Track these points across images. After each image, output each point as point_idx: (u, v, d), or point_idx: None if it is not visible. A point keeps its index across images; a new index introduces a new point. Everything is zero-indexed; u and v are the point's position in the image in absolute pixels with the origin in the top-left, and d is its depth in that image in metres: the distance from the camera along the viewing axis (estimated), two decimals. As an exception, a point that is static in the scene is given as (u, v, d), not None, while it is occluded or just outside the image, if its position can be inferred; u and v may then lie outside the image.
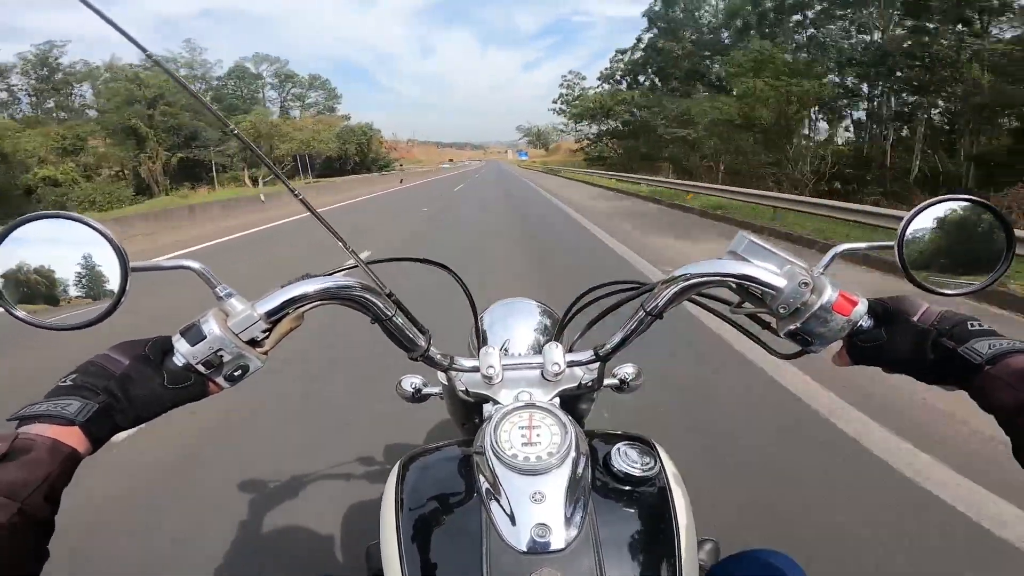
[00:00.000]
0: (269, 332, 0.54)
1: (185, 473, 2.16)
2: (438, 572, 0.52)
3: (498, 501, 0.52)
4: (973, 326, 0.51)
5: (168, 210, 13.58)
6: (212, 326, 0.51)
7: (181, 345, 0.51)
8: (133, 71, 36.40)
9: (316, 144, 43.32)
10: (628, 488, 0.57)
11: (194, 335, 0.50)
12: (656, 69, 37.33)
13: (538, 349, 0.89)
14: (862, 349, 0.56)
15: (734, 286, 0.62)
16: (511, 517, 0.51)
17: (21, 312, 0.49)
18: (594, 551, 0.50)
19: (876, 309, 0.56)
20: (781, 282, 0.57)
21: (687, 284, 0.59)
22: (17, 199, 25.91)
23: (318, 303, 0.56)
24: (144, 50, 0.52)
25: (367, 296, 0.57)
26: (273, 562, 1.65)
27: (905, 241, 0.58)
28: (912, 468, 2.00)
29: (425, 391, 0.87)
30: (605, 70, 44.04)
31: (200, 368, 0.51)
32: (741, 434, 2.30)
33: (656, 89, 36.85)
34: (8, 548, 0.38)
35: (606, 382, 0.80)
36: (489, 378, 0.66)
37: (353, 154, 52.54)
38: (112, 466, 2.09)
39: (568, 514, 0.51)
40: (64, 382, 0.47)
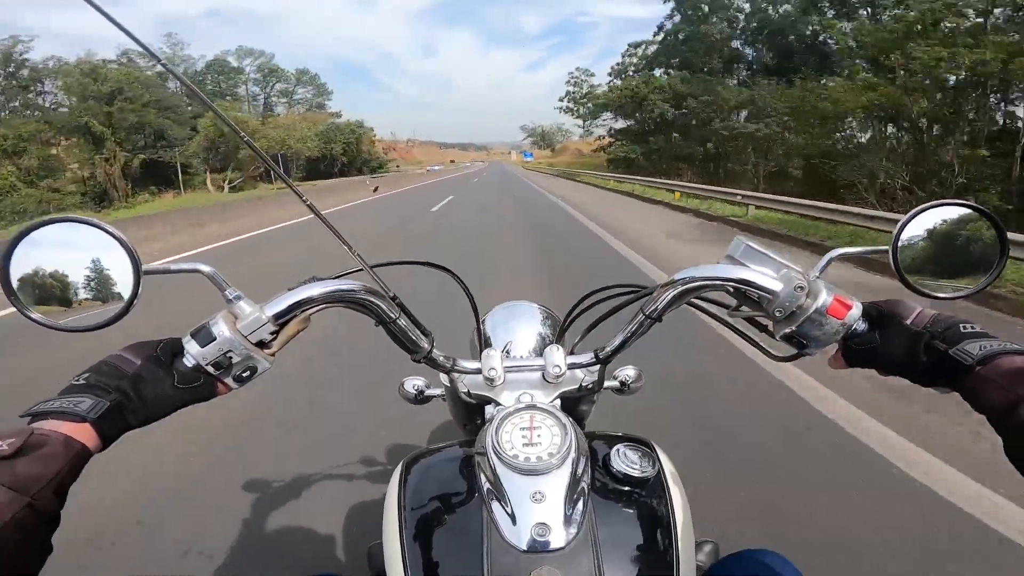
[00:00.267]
0: (277, 334, 0.55)
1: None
2: (439, 571, 0.52)
3: (499, 501, 0.53)
4: (965, 328, 0.51)
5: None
6: (222, 328, 0.52)
7: (191, 346, 0.52)
8: (90, 64, 32.68)
9: (293, 144, 37.87)
10: (627, 489, 0.58)
11: (204, 337, 0.52)
12: (681, 59, 32.60)
13: (539, 352, 0.90)
14: (857, 352, 0.57)
15: (732, 290, 0.63)
16: (512, 516, 0.51)
17: (36, 314, 0.50)
18: (593, 550, 0.50)
19: (870, 312, 0.57)
20: (777, 286, 0.58)
21: (686, 288, 0.60)
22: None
23: (324, 306, 0.57)
24: (148, 50, 0.52)
25: (371, 299, 0.58)
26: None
27: (900, 246, 0.58)
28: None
29: (428, 393, 0.87)
30: (616, 65, 40.69)
31: (210, 369, 0.52)
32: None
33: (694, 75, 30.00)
34: (15, 541, 0.38)
35: (607, 384, 0.81)
36: (491, 380, 0.67)
37: (340, 154, 47.84)
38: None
39: (568, 514, 0.51)
40: (77, 380, 0.48)
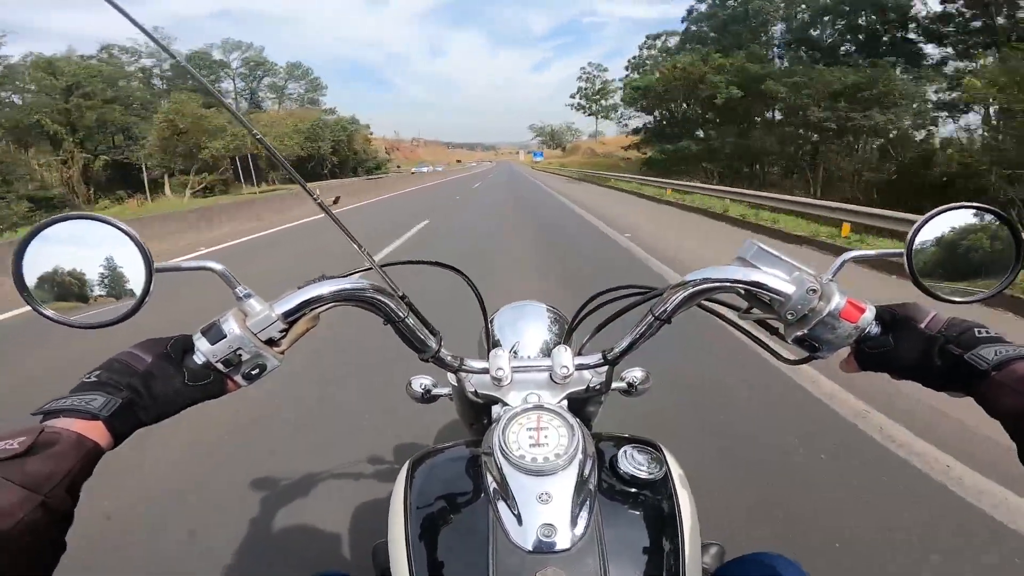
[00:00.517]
0: (286, 332, 0.55)
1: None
2: (445, 570, 0.52)
3: (505, 501, 0.53)
4: (980, 333, 0.51)
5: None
6: (232, 325, 0.52)
7: (202, 344, 0.52)
8: (44, 59, 29.51)
9: (269, 141, 37.48)
10: (634, 490, 0.58)
11: (214, 334, 0.52)
12: (731, 40, 28.39)
13: (547, 352, 0.90)
14: (870, 355, 0.57)
15: (743, 292, 0.62)
16: (518, 517, 0.51)
17: (49, 311, 0.50)
18: (599, 552, 0.50)
19: (884, 316, 0.57)
20: (789, 288, 0.57)
21: (696, 290, 0.59)
22: None
23: (333, 304, 0.57)
24: (163, 47, 0.52)
25: (380, 298, 0.58)
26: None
27: (914, 249, 0.58)
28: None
29: (435, 392, 0.87)
30: (633, 59, 38.66)
31: (219, 366, 0.52)
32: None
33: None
34: (28, 540, 0.38)
35: (614, 385, 0.80)
36: (498, 380, 0.66)
37: (329, 153, 44.10)
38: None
39: (574, 515, 0.51)
40: (89, 378, 0.48)
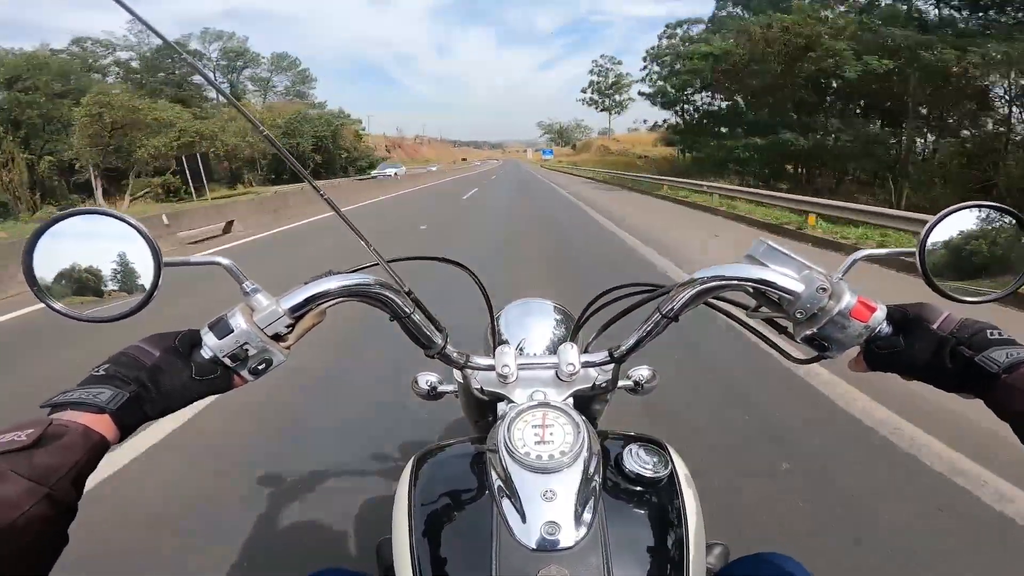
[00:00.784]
0: (292, 327, 0.55)
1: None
2: (448, 567, 0.52)
3: (510, 498, 0.53)
4: (992, 335, 0.50)
5: None
6: (239, 320, 0.52)
7: (209, 338, 0.52)
8: None
9: (226, 137, 27.71)
10: (639, 489, 0.58)
11: (222, 329, 0.52)
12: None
13: (553, 349, 0.90)
14: (879, 355, 0.56)
15: (751, 290, 0.62)
16: (522, 514, 0.51)
17: (59, 305, 0.50)
18: (602, 550, 0.50)
19: (895, 316, 0.56)
20: (799, 287, 0.57)
21: (704, 288, 0.59)
22: None
23: (340, 300, 0.56)
24: (172, 45, 0.51)
25: (387, 294, 0.58)
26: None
27: (927, 248, 0.57)
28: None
29: (440, 389, 0.87)
30: (652, 49, 34.19)
31: (226, 361, 0.52)
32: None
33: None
34: (32, 532, 0.38)
35: (620, 383, 0.80)
36: (504, 377, 0.66)
37: (309, 150, 38.02)
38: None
39: (578, 513, 0.51)
40: (97, 371, 0.49)
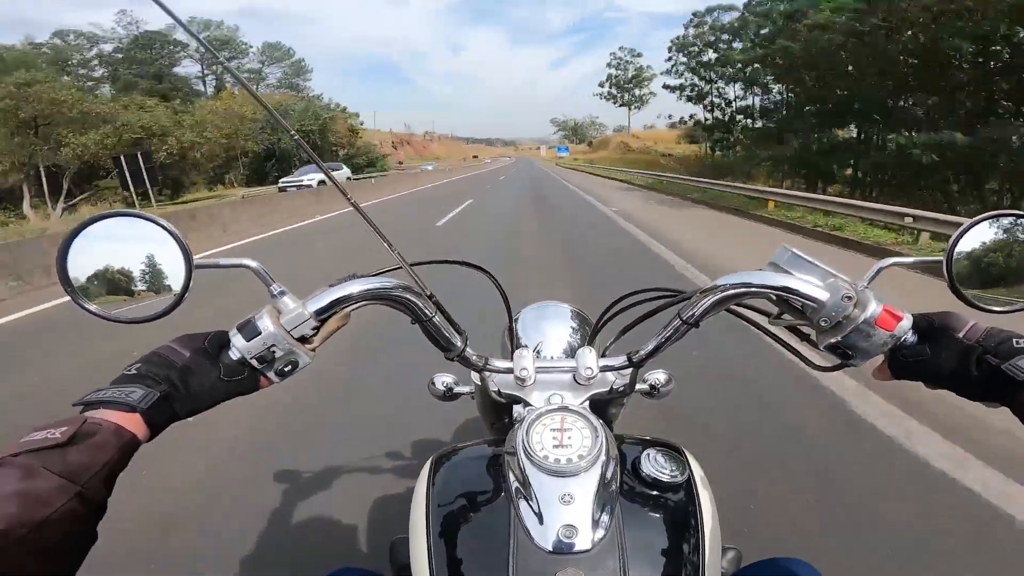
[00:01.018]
0: (317, 330, 0.56)
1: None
2: (464, 567, 0.53)
3: (527, 501, 0.53)
4: (1019, 343, 0.50)
5: None
6: (266, 322, 0.53)
7: (237, 340, 0.53)
8: None
9: (181, 134, 24.41)
10: (655, 493, 0.58)
11: (250, 331, 0.53)
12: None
13: (570, 353, 0.90)
14: (905, 364, 0.56)
15: (774, 298, 0.61)
16: (539, 517, 0.51)
17: (91, 305, 0.51)
18: (619, 554, 0.50)
19: (920, 324, 0.56)
20: (824, 295, 0.56)
21: (727, 295, 0.58)
22: None
23: (364, 303, 0.57)
24: (201, 41, 0.53)
25: (409, 297, 0.58)
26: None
27: (954, 257, 0.57)
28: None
29: (456, 390, 0.87)
30: (677, 39, 31.97)
31: (254, 363, 0.53)
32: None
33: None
34: (63, 530, 0.38)
35: (636, 388, 0.80)
36: (522, 380, 0.67)
37: (294, 148, 32.60)
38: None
39: (595, 516, 0.51)
40: (129, 370, 0.50)
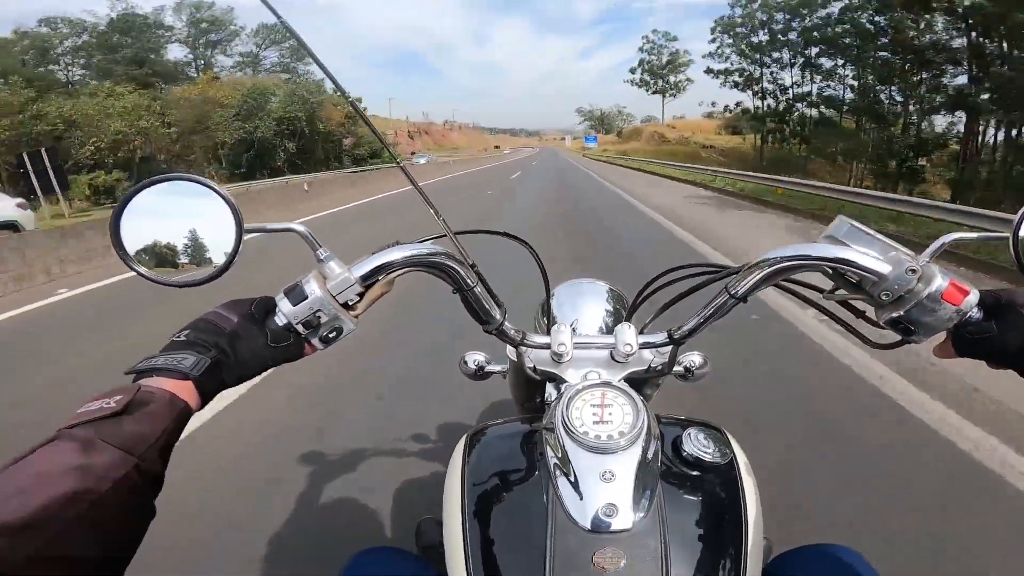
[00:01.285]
0: (361, 296, 0.56)
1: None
2: (500, 546, 0.52)
3: (567, 478, 0.52)
4: None
5: None
6: (313, 287, 0.53)
7: (284, 305, 0.53)
8: None
9: (110, 123, 21.84)
10: (697, 474, 0.57)
11: (297, 295, 0.53)
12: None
13: (606, 330, 0.89)
14: (970, 341, 0.53)
15: (829, 271, 0.59)
16: (579, 494, 0.50)
17: (144, 269, 0.52)
18: (660, 534, 0.49)
19: (987, 301, 0.53)
20: (885, 268, 0.54)
21: (777, 267, 0.56)
22: None
23: (407, 269, 0.57)
24: (275, 12, 0.51)
25: (452, 265, 0.58)
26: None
27: (1021, 235, 0.54)
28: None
29: (488, 369, 0.86)
30: (723, 19, 31.21)
31: (299, 328, 0.53)
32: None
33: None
34: (121, 504, 0.37)
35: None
36: (559, 356, 0.66)
37: (271, 136, 29.29)
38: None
39: (636, 495, 0.50)
40: (178, 337, 0.49)
